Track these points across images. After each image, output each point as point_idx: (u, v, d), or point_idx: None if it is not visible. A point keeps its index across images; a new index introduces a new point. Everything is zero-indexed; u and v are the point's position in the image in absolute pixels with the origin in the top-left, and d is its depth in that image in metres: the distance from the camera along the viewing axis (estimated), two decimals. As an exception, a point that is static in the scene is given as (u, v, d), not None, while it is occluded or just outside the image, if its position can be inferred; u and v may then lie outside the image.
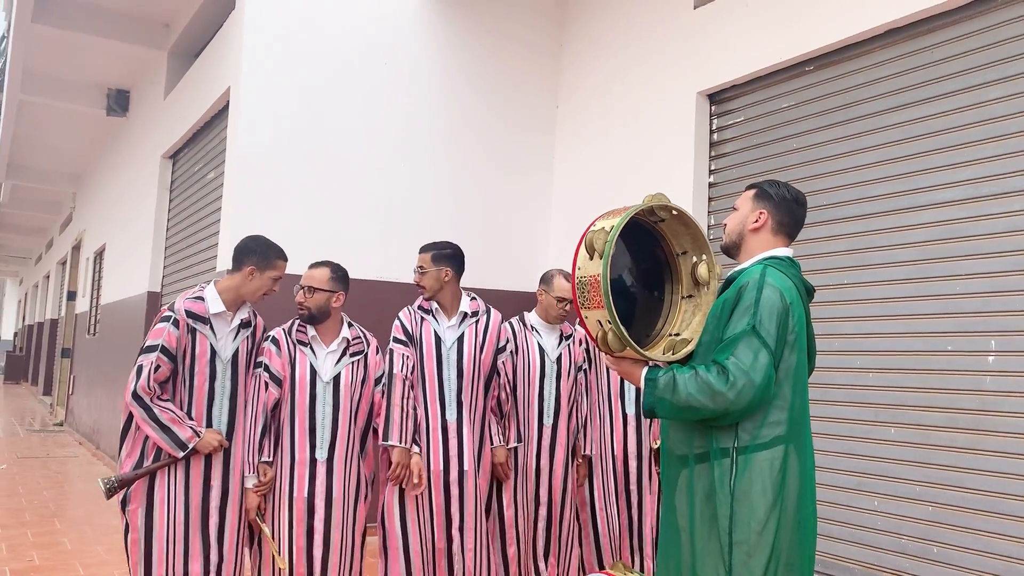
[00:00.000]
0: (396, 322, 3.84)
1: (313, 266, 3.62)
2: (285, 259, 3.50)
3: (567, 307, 4.15)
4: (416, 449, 3.63)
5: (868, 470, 4.61)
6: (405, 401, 3.61)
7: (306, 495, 3.45)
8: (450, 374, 3.79)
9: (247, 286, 3.41)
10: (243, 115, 6.00)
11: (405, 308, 3.90)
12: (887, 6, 4.61)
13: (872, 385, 4.63)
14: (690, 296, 2.71)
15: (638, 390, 4.15)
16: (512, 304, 6.02)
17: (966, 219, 4.31)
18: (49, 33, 8.56)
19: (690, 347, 2.61)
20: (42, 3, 8.11)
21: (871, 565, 4.53)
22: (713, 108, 5.88)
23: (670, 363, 2.58)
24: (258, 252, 3.43)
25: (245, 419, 3.42)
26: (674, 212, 2.62)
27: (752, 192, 2.72)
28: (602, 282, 2.41)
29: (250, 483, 3.39)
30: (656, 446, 4.19)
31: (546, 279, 4.26)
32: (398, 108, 6.53)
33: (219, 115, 6.98)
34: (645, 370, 2.57)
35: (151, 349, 3.23)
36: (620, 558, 4.28)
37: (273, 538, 3.41)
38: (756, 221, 2.64)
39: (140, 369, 3.21)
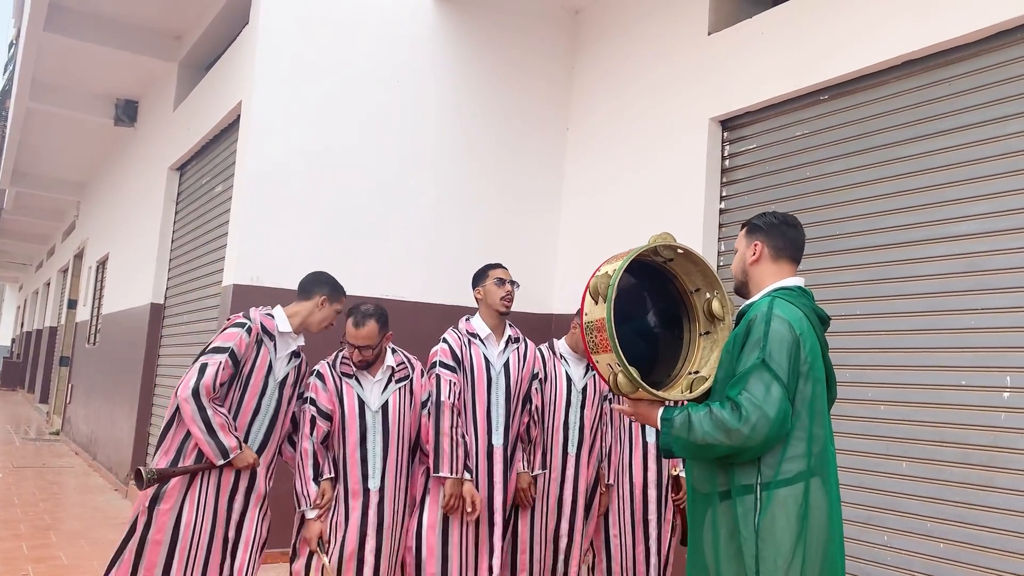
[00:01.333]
0: (443, 345, 3.82)
1: (359, 324, 3.53)
2: (346, 297, 3.68)
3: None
4: (468, 476, 3.63)
5: (879, 504, 4.55)
6: (454, 430, 3.60)
7: (359, 525, 3.46)
8: (498, 399, 3.80)
9: (315, 315, 3.52)
10: (254, 130, 5.98)
11: (450, 331, 3.89)
12: (905, 37, 4.60)
13: (884, 418, 4.58)
14: (707, 332, 2.74)
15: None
16: (519, 325, 5.96)
17: (982, 253, 4.28)
18: (59, 42, 8.56)
19: (707, 384, 2.62)
20: (54, 12, 8.11)
21: (880, 601, 4.47)
22: (726, 135, 5.87)
23: (688, 401, 2.58)
24: (330, 285, 3.59)
25: (296, 455, 3.48)
26: (680, 251, 2.65)
27: (744, 230, 2.77)
28: (607, 326, 2.45)
29: (312, 514, 3.38)
30: (675, 473, 4.16)
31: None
32: (408, 129, 6.52)
33: (229, 129, 6.96)
34: (661, 410, 2.58)
35: (220, 350, 3.25)
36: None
37: (332, 568, 3.40)
38: (754, 254, 2.69)
39: (204, 368, 3.21)
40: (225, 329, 3.34)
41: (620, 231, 6.52)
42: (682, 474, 4.19)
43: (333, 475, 3.45)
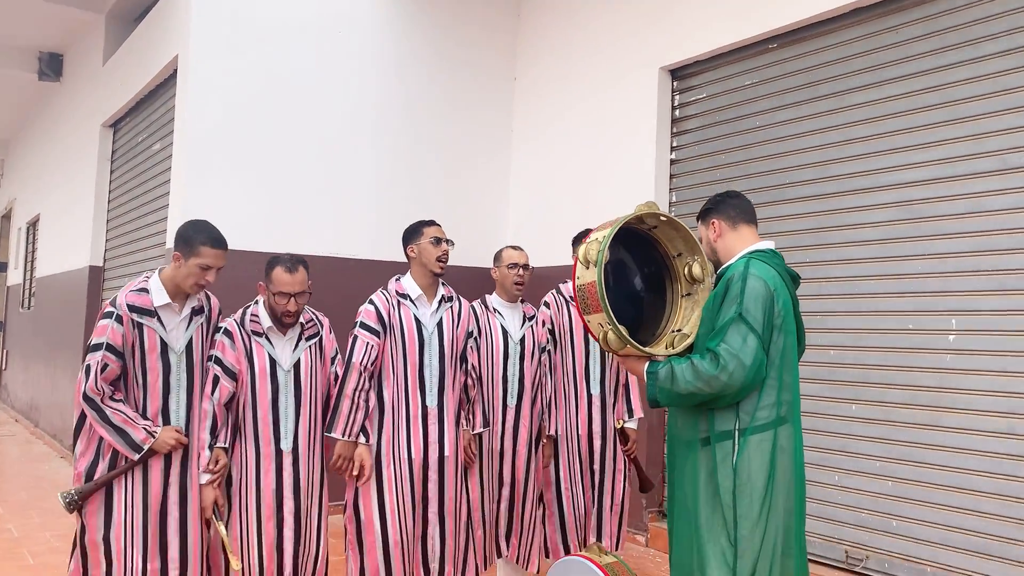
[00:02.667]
0: (368, 307, 3.70)
1: (287, 271, 3.37)
2: (216, 246, 3.21)
3: (521, 272, 4.14)
4: (363, 440, 3.54)
5: (830, 446, 4.70)
6: (358, 393, 3.51)
7: (274, 488, 3.36)
8: (432, 360, 3.73)
9: (177, 275, 3.20)
10: (191, 85, 5.76)
11: (378, 292, 3.77)
12: (854, -15, 4.62)
13: (834, 363, 4.70)
14: (689, 294, 2.95)
15: (603, 370, 4.21)
16: (472, 280, 5.96)
17: (929, 200, 4.37)
18: (-25, -8, 8.11)
19: (689, 340, 2.83)
20: (-32, -40, 7.66)
21: (832, 538, 4.64)
22: (675, 84, 5.85)
23: (670, 356, 2.77)
24: (185, 238, 3.20)
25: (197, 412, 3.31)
26: (663, 219, 2.85)
27: (699, 221, 3.02)
28: (598, 287, 2.65)
29: (204, 479, 3.26)
30: (619, 426, 4.23)
31: (496, 256, 4.27)
32: (353, 80, 6.36)
33: (165, 84, 6.70)
34: (646, 364, 2.78)
35: (96, 348, 3.08)
36: (585, 537, 4.29)
37: (230, 535, 3.32)
38: (715, 231, 2.92)
39: (88, 369, 3.07)
40: (98, 321, 3.16)
41: (572, 182, 6.50)
42: (628, 426, 4.27)
43: (228, 445, 3.32)
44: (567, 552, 4.21)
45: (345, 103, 6.31)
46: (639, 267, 3.00)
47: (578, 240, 4.49)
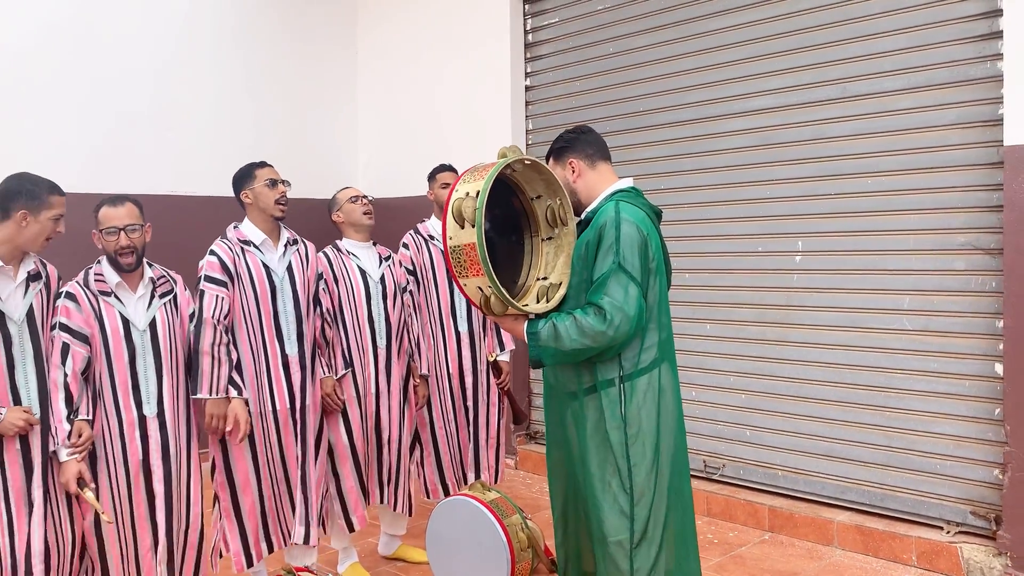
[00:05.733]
0: (210, 258, 3.48)
1: (111, 205, 3.13)
2: (61, 194, 3.00)
3: (365, 202, 4.03)
4: (235, 394, 3.39)
5: (687, 364, 4.91)
6: (216, 348, 3.33)
7: (140, 457, 3.15)
8: (286, 306, 3.58)
9: (23, 235, 2.91)
10: (-6, 4, 5.10)
11: (219, 242, 3.54)
12: (703, -89, 4.64)
13: (688, 285, 4.90)
14: (549, 238, 2.79)
15: (469, 307, 4.19)
16: (321, 215, 5.67)
17: (775, 127, 4.55)
18: None
19: (561, 291, 2.71)
20: None
21: (690, 449, 4.89)
22: (527, 7, 5.75)
23: (548, 311, 2.66)
24: (26, 192, 2.91)
25: (48, 385, 3.02)
26: (527, 162, 2.67)
27: (552, 159, 2.88)
28: (479, 250, 2.46)
29: (64, 454, 2.98)
30: (492, 359, 4.25)
31: (332, 202, 4.10)
32: (182, 5, 5.83)
33: (-44, 3, 5.91)
34: (525, 324, 2.66)
35: None
36: (464, 474, 4.34)
37: (106, 508, 3.10)
38: (573, 171, 2.81)
39: None
40: None
41: (424, 110, 6.33)
42: (501, 358, 4.30)
43: (90, 416, 3.09)
44: (446, 492, 4.25)
45: (170, 25, 5.78)
46: (490, 208, 2.73)
47: (433, 176, 4.38)
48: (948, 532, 3.99)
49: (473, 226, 2.47)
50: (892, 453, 4.20)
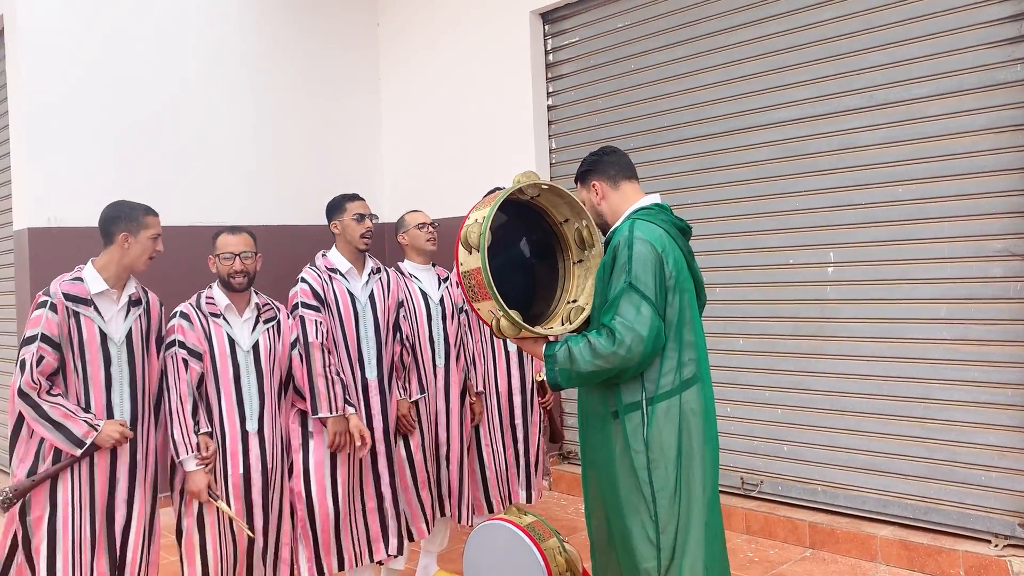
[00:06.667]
0: (303, 286, 3.64)
1: (230, 234, 3.40)
2: (155, 214, 3.23)
3: (431, 230, 4.14)
4: (351, 411, 3.56)
5: (721, 379, 4.85)
6: (328, 369, 3.51)
7: (242, 470, 3.30)
8: (368, 332, 3.73)
9: (127, 256, 3.12)
10: (23, 48, 5.22)
11: (308, 269, 3.71)
12: (721, -75, 4.64)
13: (719, 300, 4.85)
14: (580, 261, 2.83)
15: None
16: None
17: (802, 138, 4.52)
18: None
19: (585, 313, 2.72)
20: None
21: (727, 466, 4.85)
22: (547, 28, 5.77)
23: (569, 333, 2.67)
24: (125, 216, 3.13)
25: (172, 402, 3.21)
26: (544, 187, 2.71)
27: (578, 183, 2.89)
28: (483, 275, 2.49)
29: (191, 465, 3.18)
30: (540, 378, 4.27)
31: (399, 223, 4.22)
32: (205, 37, 5.92)
33: (-9, 45, 6.05)
34: (544, 346, 2.67)
35: (31, 340, 2.91)
36: (510, 492, 4.34)
37: (232, 508, 3.27)
38: (597, 193, 2.80)
39: (23, 363, 2.89)
40: (31, 313, 3.00)
41: (448, 133, 6.36)
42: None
43: (210, 429, 3.28)
44: (490, 510, 4.25)
45: (199, 63, 5.88)
46: (526, 235, 2.86)
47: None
48: (996, 545, 3.90)
49: (479, 251, 2.51)
50: (934, 465, 4.12)
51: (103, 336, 3.05)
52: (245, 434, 3.34)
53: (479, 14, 6.06)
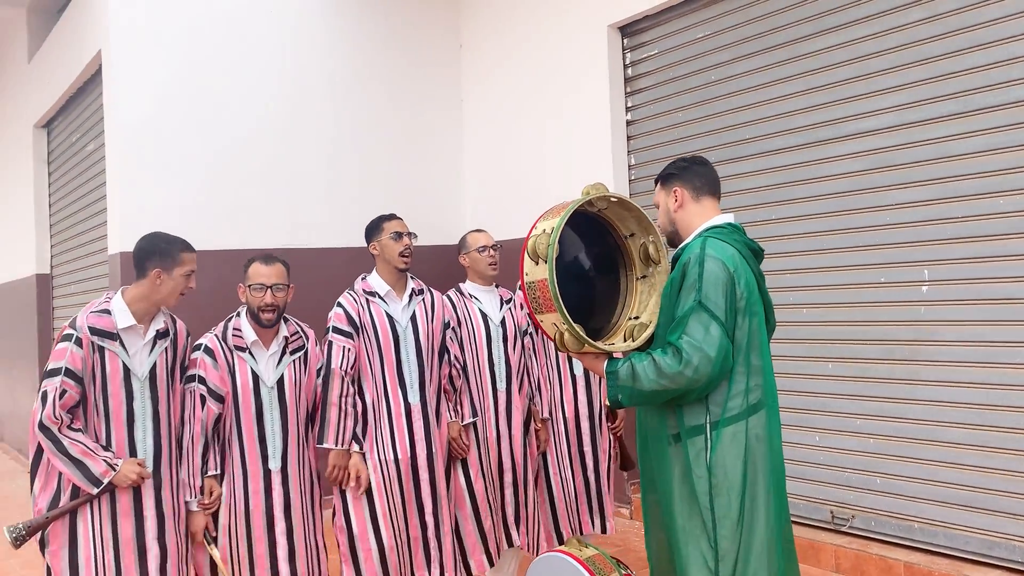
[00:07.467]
0: (338, 310, 3.59)
1: (263, 263, 3.29)
2: (192, 251, 3.14)
3: (492, 253, 4.02)
4: (356, 448, 3.46)
5: (807, 406, 4.59)
6: (344, 399, 3.42)
7: (264, 509, 3.24)
8: (409, 356, 3.63)
9: (158, 292, 3.04)
10: (118, 81, 5.46)
11: (346, 294, 3.65)
12: (801, -73, 4.41)
13: (806, 321, 4.58)
14: (644, 277, 2.75)
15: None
16: (433, 260, 5.76)
17: (892, 148, 4.22)
18: None
19: (649, 331, 2.64)
20: None
21: (816, 499, 4.56)
22: (626, 42, 5.63)
23: (631, 351, 2.59)
24: (159, 251, 3.06)
25: (184, 439, 3.16)
26: (613, 200, 2.65)
27: (657, 184, 2.79)
28: (550, 287, 2.43)
29: (194, 506, 3.14)
30: (609, 404, 4.11)
31: (461, 243, 4.13)
32: (289, 62, 6.06)
33: (92, 80, 6.37)
34: (605, 363, 2.59)
35: (54, 373, 2.88)
36: (580, 522, 4.21)
37: (224, 559, 3.19)
38: (675, 201, 2.70)
39: (44, 396, 2.87)
40: (56, 344, 2.96)
41: (527, 150, 6.29)
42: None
43: (219, 472, 3.20)
44: (560, 539, 4.13)
45: (284, 87, 6.02)
46: (588, 248, 2.78)
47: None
48: (1118, 596, 3.50)
49: (546, 262, 2.46)
50: (1046, 504, 3.73)
51: (126, 371, 2.99)
52: (268, 472, 3.26)
53: (557, 30, 5.97)
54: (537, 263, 2.50)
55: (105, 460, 2.90)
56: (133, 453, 3.03)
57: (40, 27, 7.93)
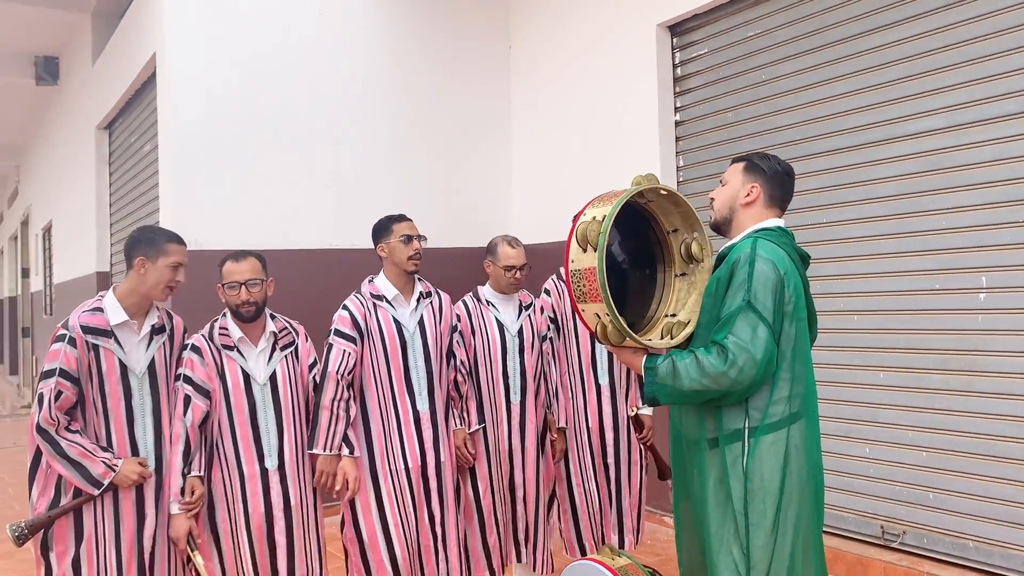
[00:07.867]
0: (343, 313, 3.50)
1: (235, 260, 3.24)
2: (179, 242, 3.09)
3: (517, 275, 3.88)
4: (347, 452, 3.36)
5: (858, 416, 4.43)
6: (336, 403, 3.32)
7: (263, 509, 3.20)
8: (417, 362, 3.53)
9: (144, 283, 3.00)
10: (172, 83, 5.56)
11: (352, 296, 3.56)
12: (855, -79, 4.26)
13: (858, 328, 4.42)
14: (683, 274, 2.68)
15: (611, 357, 3.97)
16: (478, 261, 5.71)
17: (948, 149, 4.04)
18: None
19: (688, 329, 2.57)
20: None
21: (865, 513, 4.39)
22: (675, 41, 5.52)
23: (670, 348, 2.53)
24: (144, 240, 3.04)
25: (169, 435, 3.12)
26: (663, 192, 2.58)
27: (742, 165, 2.64)
28: (598, 276, 2.36)
29: (175, 508, 3.06)
30: (632, 414, 3.98)
31: (491, 249, 3.97)
32: (340, 66, 6.09)
33: (148, 83, 6.50)
34: (644, 358, 2.51)
35: (48, 375, 2.86)
36: (603, 534, 4.10)
37: (230, 566, 3.18)
38: (748, 195, 2.59)
39: (40, 398, 2.86)
40: (49, 346, 2.95)
41: (575, 151, 6.22)
42: (643, 412, 3.98)
43: (202, 473, 3.13)
44: (582, 551, 4.03)
45: (333, 89, 6.06)
46: (627, 239, 2.70)
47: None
48: None
49: (596, 250, 2.38)
50: (1110, 526, 3.53)
51: (123, 368, 2.97)
52: (264, 472, 3.20)
53: (606, 30, 5.89)
54: (585, 250, 2.43)
55: (104, 461, 2.89)
56: (135, 451, 3.01)
57: (103, 30, 8.15)
